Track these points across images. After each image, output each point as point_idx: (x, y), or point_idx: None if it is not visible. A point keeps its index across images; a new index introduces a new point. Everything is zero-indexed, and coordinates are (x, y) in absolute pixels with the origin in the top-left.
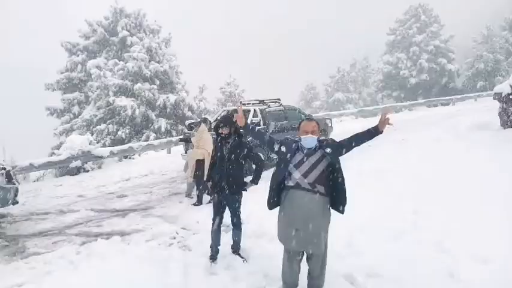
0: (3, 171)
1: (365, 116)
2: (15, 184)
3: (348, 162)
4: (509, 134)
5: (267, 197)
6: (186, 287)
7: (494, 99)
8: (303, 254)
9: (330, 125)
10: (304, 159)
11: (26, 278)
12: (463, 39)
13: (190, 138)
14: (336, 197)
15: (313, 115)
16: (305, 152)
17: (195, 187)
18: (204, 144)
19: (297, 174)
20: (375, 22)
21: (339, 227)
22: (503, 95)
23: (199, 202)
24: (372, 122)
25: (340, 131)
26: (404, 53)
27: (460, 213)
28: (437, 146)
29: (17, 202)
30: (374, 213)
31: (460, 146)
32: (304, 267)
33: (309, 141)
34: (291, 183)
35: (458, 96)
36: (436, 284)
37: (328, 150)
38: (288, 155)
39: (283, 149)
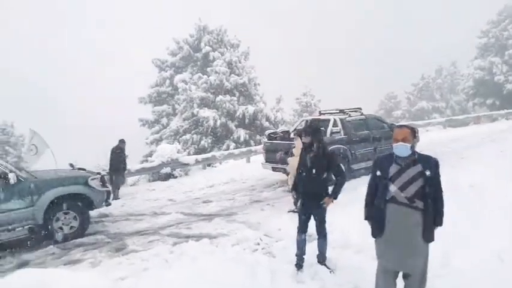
0: (98, 176)
1: (454, 125)
2: (107, 188)
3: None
4: None
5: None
6: None
7: None
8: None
9: (416, 135)
10: (401, 172)
11: (126, 272)
12: None
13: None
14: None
15: (396, 124)
16: (402, 164)
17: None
18: None
19: (392, 188)
20: (461, 25)
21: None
22: None
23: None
24: (462, 132)
25: (426, 141)
26: (498, 57)
27: None
28: None
29: (110, 204)
30: (472, 229)
31: None
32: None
33: (399, 149)
34: (386, 198)
35: None
36: None
37: (428, 173)
38: (384, 173)
39: (378, 173)
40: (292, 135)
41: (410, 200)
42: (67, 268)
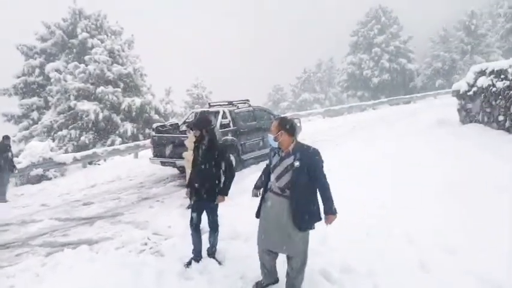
0: None
1: (331, 115)
2: None
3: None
4: (467, 129)
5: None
6: None
7: (452, 96)
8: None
9: (298, 124)
10: (279, 162)
11: None
12: (421, 40)
13: (183, 141)
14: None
15: (281, 115)
16: (282, 155)
17: None
18: None
19: (272, 177)
20: (339, 24)
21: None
22: (461, 92)
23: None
24: (339, 122)
25: (309, 130)
26: (366, 54)
27: (425, 205)
28: (402, 142)
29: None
30: (345, 209)
31: (422, 140)
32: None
33: (269, 140)
34: (268, 186)
35: (419, 95)
36: (408, 275)
37: (297, 164)
38: (270, 163)
39: (268, 162)
40: (182, 128)
41: (282, 189)
42: None
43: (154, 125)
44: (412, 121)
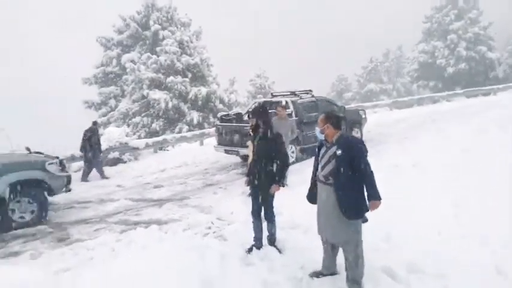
0: (56, 160)
1: (399, 107)
2: (67, 173)
3: (383, 155)
4: None
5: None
6: (223, 275)
7: None
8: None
9: (363, 116)
10: (325, 153)
11: (70, 263)
12: (503, 25)
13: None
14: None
15: (345, 106)
16: (327, 145)
17: None
18: None
19: (319, 167)
20: (409, 10)
21: (377, 220)
22: None
23: None
24: (408, 114)
25: (374, 122)
26: (441, 41)
27: (502, 207)
28: (479, 138)
29: (70, 190)
30: (413, 207)
31: (505, 137)
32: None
33: (316, 132)
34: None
35: (500, 86)
36: (482, 279)
37: (339, 152)
38: (318, 155)
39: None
40: (245, 118)
41: (326, 177)
42: (4, 262)
43: (219, 114)
44: (492, 114)
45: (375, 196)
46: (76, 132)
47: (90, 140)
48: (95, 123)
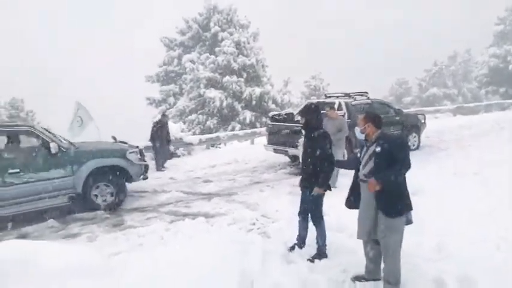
0: (137, 149)
1: (464, 113)
2: (145, 162)
3: (443, 162)
4: None
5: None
6: (263, 271)
7: None
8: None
9: (422, 121)
10: (366, 152)
11: (121, 247)
12: None
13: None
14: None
15: (404, 111)
16: (367, 145)
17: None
18: None
19: (360, 166)
20: (479, 11)
21: (429, 228)
22: None
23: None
24: (473, 120)
25: (435, 127)
26: None
27: None
28: None
29: (147, 178)
30: (472, 216)
31: None
32: None
33: (356, 132)
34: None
35: None
36: None
37: (378, 149)
38: (360, 154)
39: (358, 155)
40: (297, 118)
41: (367, 176)
42: (64, 242)
43: (270, 114)
44: None
45: (378, 177)
46: (140, 126)
47: (159, 131)
48: (164, 115)
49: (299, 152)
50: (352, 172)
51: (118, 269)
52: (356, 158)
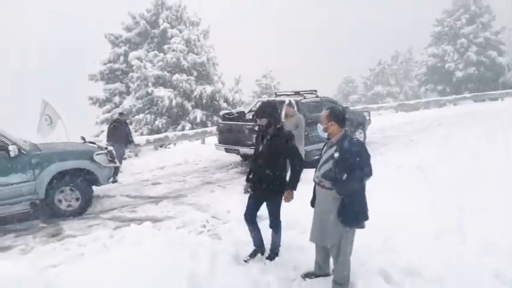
0: (105, 150)
1: (406, 110)
2: (115, 164)
3: (387, 157)
4: None
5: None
6: (212, 274)
7: None
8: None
9: (367, 118)
10: (323, 153)
11: (60, 259)
12: None
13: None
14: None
15: (350, 108)
16: (329, 144)
17: None
18: None
19: (317, 167)
20: (417, 14)
21: (376, 222)
22: None
23: None
24: (414, 117)
25: (379, 125)
26: (451, 45)
27: (506, 211)
28: (485, 142)
29: (116, 181)
30: (415, 209)
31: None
32: None
33: (318, 130)
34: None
35: (509, 91)
36: (482, 285)
37: (337, 155)
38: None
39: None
40: (248, 117)
41: (320, 179)
42: None
43: (221, 113)
44: (500, 120)
45: (342, 190)
46: (83, 127)
47: (116, 131)
48: (121, 114)
49: (251, 151)
50: (305, 171)
51: (55, 283)
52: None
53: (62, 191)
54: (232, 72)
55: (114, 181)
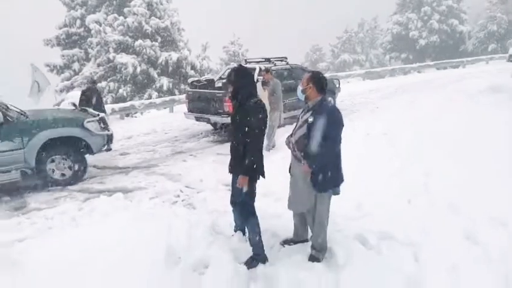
0: (97, 117)
1: (372, 77)
2: (108, 131)
3: (356, 124)
4: None
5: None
6: (190, 245)
7: (508, 61)
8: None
9: (337, 85)
10: (299, 117)
11: (27, 233)
12: (476, 0)
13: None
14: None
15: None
16: (305, 108)
17: None
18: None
19: (292, 131)
20: None
21: (348, 189)
22: None
23: None
24: (380, 84)
25: (348, 92)
26: (415, 13)
27: (475, 174)
28: (448, 107)
29: (110, 149)
30: (384, 175)
31: (473, 107)
32: None
33: (297, 91)
34: None
35: (469, 59)
36: (452, 246)
37: (311, 119)
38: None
39: None
40: (218, 84)
41: (293, 146)
42: None
43: (190, 80)
44: (460, 86)
45: (314, 162)
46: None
47: (90, 101)
48: (93, 82)
49: (222, 119)
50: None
51: (22, 258)
52: None
53: (53, 160)
54: (199, 38)
55: (108, 149)
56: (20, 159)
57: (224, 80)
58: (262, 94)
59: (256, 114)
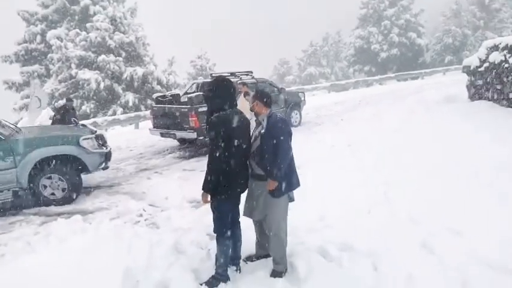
0: (93, 135)
1: (337, 90)
2: (106, 149)
3: (320, 136)
4: (476, 105)
5: None
6: (148, 266)
7: (463, 72)
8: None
9: (302, 98)
10: (254, 132)
11: None
12: (433, 14)
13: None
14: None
15: (286, 89)
16: (257, 123)
17: None
18: None
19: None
20: None
21: (311, 200)
22: (471, 68)
23: None
24: (344, 96)
25: (314, 104)
26: (376, 27)
27: (433, 184)
28: (408, 119)
29: (108, 167)
30: (346, 186)
31: (431, 118)
32: None
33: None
34: None
35: (427, 70)
36: (410, 256)
37: (263, 131)
38: None
39: None
40: (183, 99)
41: (251, 156)
42: None
43: (155, 95)
44: (419, 97)
45: (271, 175)
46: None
47: (64, 119)
48: (69, 99)
49: (188, 134)
50: None
51: None
52: None
53: (49, 178)
54: (165, 53)
55: (106, 167)
56: (12, 179)
57: (189, 95)
58: (244, 106)
59: (219, 127)
